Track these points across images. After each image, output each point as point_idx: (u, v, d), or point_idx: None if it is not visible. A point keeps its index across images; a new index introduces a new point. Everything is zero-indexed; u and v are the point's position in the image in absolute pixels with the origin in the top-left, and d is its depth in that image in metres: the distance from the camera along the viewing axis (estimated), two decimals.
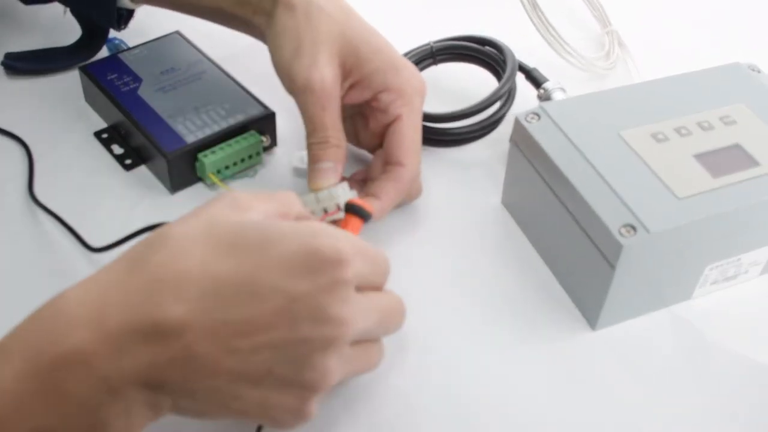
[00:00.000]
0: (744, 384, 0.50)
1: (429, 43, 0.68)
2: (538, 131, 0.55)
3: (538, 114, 0.56)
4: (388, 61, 0.57)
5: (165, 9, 0.64)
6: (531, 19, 0.70)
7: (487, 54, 0.67)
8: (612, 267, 0.49)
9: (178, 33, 0.69)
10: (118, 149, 0.63)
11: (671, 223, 0.49)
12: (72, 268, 0.55)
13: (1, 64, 0.69)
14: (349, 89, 0.57)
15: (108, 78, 0.64)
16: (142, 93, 0.63)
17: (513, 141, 0.57)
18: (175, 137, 0.59)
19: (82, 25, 0.70)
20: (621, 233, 0.48)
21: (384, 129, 0.57)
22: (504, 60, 0.65)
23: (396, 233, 0.58)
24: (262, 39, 0.59)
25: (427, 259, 0.57)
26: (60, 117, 0.66)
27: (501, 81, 0.64)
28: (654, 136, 0.54)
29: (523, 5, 0.70)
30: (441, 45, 0.68)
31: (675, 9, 0.83)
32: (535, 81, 0.67)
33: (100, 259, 0.54)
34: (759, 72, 0.60)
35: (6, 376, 0.36)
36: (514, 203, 0.60)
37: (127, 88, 0.63)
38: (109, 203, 0.60)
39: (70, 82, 0.68)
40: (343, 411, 0.48)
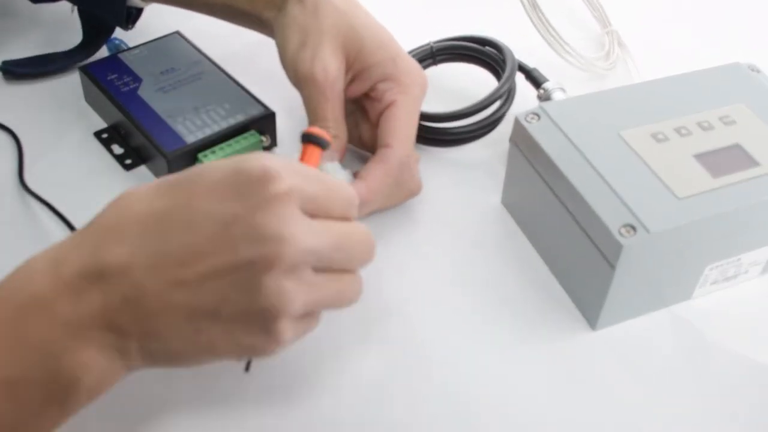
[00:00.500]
0: (744, 384, 0.50)
1: (429, 43, 0.68)
2: (538, 131, 0.55)
3: (538, 114, 0.56)
4: (389, 55, 0.57)
5: (174, 7, 0.64)
6: (531, 19, 0.70)
7: (487, 54, 0.67)
8: (612, 267, 0.49)
9: (178, 33, 0.69)
10: (118, 149, 0.63)
11: (671, 223, 0.49)
12: None
13: (0, 69, 0.68)
14: (351, 81, 0.57)
15: (108, 78, 0.64)
16: (142, 93, 0.63)
17: (513, 141, 0.57)
18: (175, 137, 0.59)
19: (84, 26, 0.69)
20: (621, 233, 0.48)
21: (379, 116, 0.58)
22: (504, 60, 0.65)
23: (396, 233, 0.58)
24: (269, 34, 0.59)
25: (427, 259, 0.57)
26: (60, 117, 0.66)
27: (500, 81, 0.64)
28: (654, 136, 0.54)
29: (523, 5, 0.70)
30: (441, 45, 0.68)
31: (675, 9, 0.83)
32: (535, 81, 0.67)
33: None
34: (759, 72, 0.60)
35: None
36: (514, 203, 0.60)
37: (127, 88, 0.63)
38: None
39: (70, 82, 0.68)
40: (344, 411, 0.48)
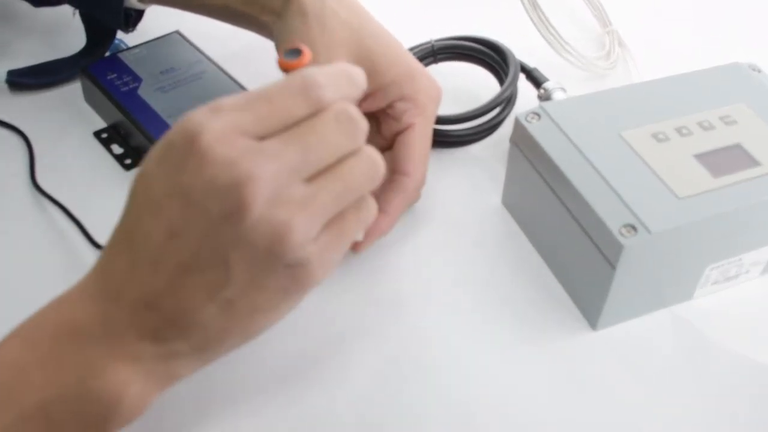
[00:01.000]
0: (744, 384, 0.50)
1: (430, 41, 0.68)
2: (538, 131, 0.55)
3: (538, 114, 0.56)
4: (404, 71, 0.55)
5: (172, 8, 0.63)
6: (531, 19, 0.70)
7: (489, 55, 0.67)
8: (612, 267, 0.49)
9: (178, 33, 0.69)
10: (118, 149, 0.63)
11: (672, 223, 0.49)
12: (73, 260, 0.55)
13: (6, 81, 0.67)
14: (364, 98, 0.55)
15: (108, 78, 0.64)
16: (142, 93, 0.63)
17: (513, 141, 0.57)
18: None
19: (87, 29, 0.69)
20: (621, 233, 0.48)
21: (395, 135, 0.57)
22: (506, 63, 0.65)
23: (396, 233, 0.58)
24: (269, 36, 0.58)
25: (427, 259, 0.57)
26: (60, 117, 0.66)
27: (503, 86, 0.64)
28: (654, 136, 0.54)
29: (523, 5, 0.70)
30: (443, 44, 0.68)
31: (675, 9, 0.83)
32: (536, 81, 0.67)
33: None
34: (759, 72, 0.60)
35: (11, 347, 0.38)
36: (514, 203, 0.60)
37: (127, 88, 0.63)
38: (109, 203, 0.59)
39: (70, 81, 0.68)
40: (343, 410, 0.48)
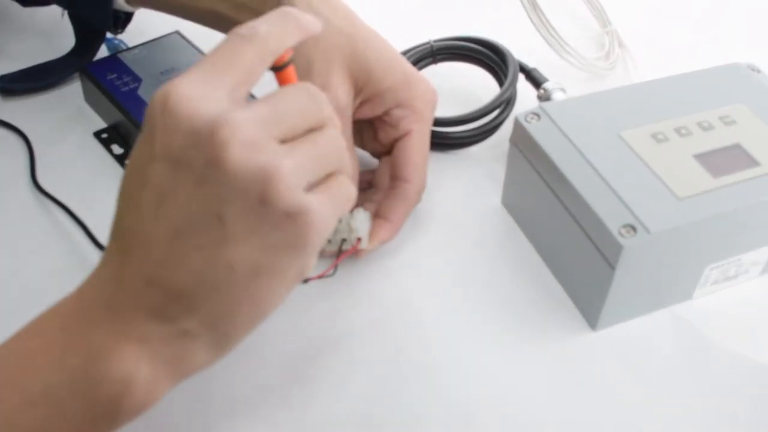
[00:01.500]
0: (744, 384, 0.50)
1: (429, 42, 0.68)
2: (538, 131, 0.55)
3: (538, 114, 0.56)
4: (400, 77, 0.55)
5: (161, 12, 0.63)
6: (531, 19, 0.70)
7: (488, 56, 0.67)
8: (612, 267, 0.49)
9: (177, 33, 0.69)
10: (118, 149, 0.63)
11: (671, 224, 0.49)
12: (74, 259, 0.55)
13: None
14: (360, 105, 0.56)
15: (108, 78, 0.64)
16: (142, 93, 0.63)
17: (513, 141, 0.57)
18: None
19: (76, 30, 0.69)
20: (621, 233, 0.48)
21: (393, 141, 0.57)
22: (505, 64, 0.65)
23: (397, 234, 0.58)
24: None
25: (427, 260, 0.57)
26: (60, 117, 0.66)
27: (502, 88, 0.64)
28: (654, 136, 0.54)
29: (523, 5, 0.70)
30: (441, 44, 0.68)
31: (675, 9, 0.83)
32: (535, 81, 0.67)
33: None
34: (759, 72, 0.60)
35: (18, 338, 0.39)
36: (514, 203, 0.60)
37: (127, 88, 0.63)
38: (109, 203, 0.59)
39: (69, 82, 0.68)
40: (343, 410, 0.48)
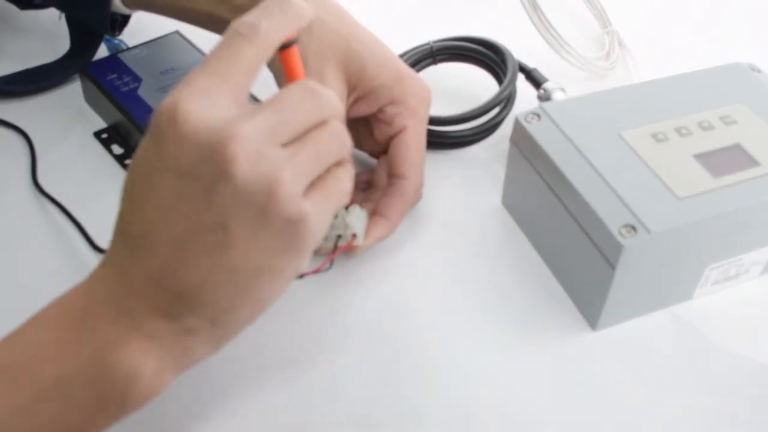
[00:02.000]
0: (744, 384, 0.50)
1: (429, 43, 0.68)
2: (538, 131, 0.55)
3: (538, 114, 0.56)
4: (393, 75, 0.56)
5: (159, 15, 0.63)
6: (531, 19, 0.70)
7: (488, 56, 0.67)
8: (612, 267, 0.49)
9: (177, 33, 0.69)
10: (118, 149, 0.63)
11: (671, 223, 0.49)
12: (73, 260, 0.55)
13: None
14: (354, 103, 0.56)
15: (108, 78, 0.64)
16: (142, 93, 0.63)
17: (513, 141, 0.57)
18: None
19: (72, 33, 0.69)
20: (621, 233, 0.48)
21: (388, 139, 0.57)
22: (505, 63, 0.65)
23: (396, 234, 0.58)
24: None
25: (427, 260, 0.57)
26: (60, 117, 0.66)
27: (501, 86, 0.64)
28: (654, 136, 0.54)
29: (523, 5, 0.70)
30: (441, 45, 0.68)
31: (675, 9, 0.83)
32: (535, 81, 0.67)
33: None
34: (759, 72, 0.60)
35: (26, 332, 0.39)
36: (514, 203, 0.60)
37: (127, 88, 0.63)
38: (109, 203, 0.59)
39: (70, 82, 0.68)
40: (342, 410, 0.48)
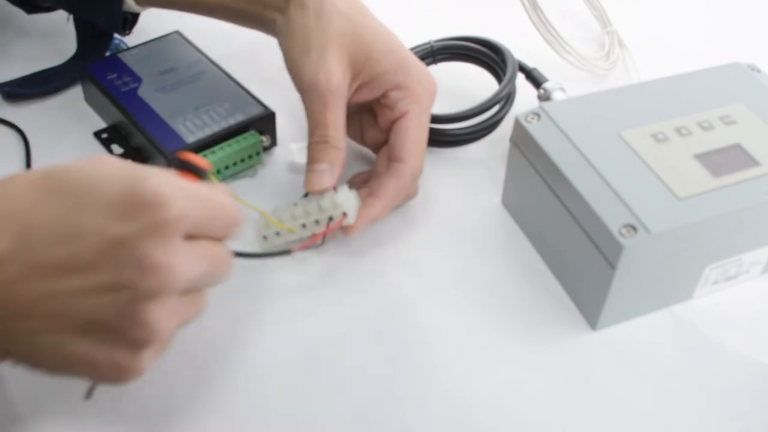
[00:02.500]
0: (745, 384, 0.50)
1: (430, 42, 0.68)
2: (538, 131, 0.55)
3: (538, 114, 0.56)
4: (399, 61, 0.56)
5: (170, 10, 0.63)
6: (531, 19, 0.70)
7: (488, 55, 0.67)
8: (612, 267, 0.49)
9: (177, 33, 0.69)
10: (118, 149, 0.63)
11: (672, 223, 0.49)
12: None
13: (2, 92, 0.66)
14: (359, 88, 0.57)
15: (108, 78, 0.64)
16: (142, 93, 0.63)
17: (513, 141, 0.57)
18: (175, 137, 0.59)
19: (80, 36, 0.68)
20: (621, 233, 0.48)
21: (390, 125, 0.57)
22: (504, 63, 0.65)
23: (396, 233, 0.58)
24: (273, 34, 0.58)
25: (427, 260, 0.57)
26: (60, 117, 0.66)
27: (501, 84, 0.64)
28: (654, 136, 0.54)
29: (523, 5, 0.70)
30: (442, 44, 0.68)
31: (675, 9, 0.83)
32: (535, 81, 0.67)
33: None
34: (759, 72, 0.60)
35: None
36: (514, 203, 0.60)
37: (127, 88, 0.63)
38: None
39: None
40: (342, 410, 0.48)
